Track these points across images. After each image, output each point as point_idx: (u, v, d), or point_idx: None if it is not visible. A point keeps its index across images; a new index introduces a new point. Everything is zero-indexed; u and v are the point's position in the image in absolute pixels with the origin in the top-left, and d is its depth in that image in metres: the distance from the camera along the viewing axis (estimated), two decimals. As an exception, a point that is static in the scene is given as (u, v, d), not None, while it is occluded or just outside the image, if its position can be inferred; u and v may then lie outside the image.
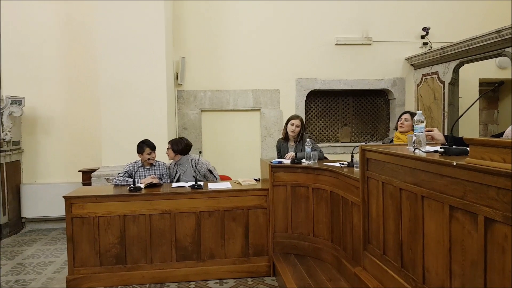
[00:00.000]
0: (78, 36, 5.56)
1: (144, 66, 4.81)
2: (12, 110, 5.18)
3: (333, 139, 6.25)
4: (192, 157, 4.25)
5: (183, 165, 4.24)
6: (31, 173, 5.57)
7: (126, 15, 4.75)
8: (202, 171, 4.18)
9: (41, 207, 5.44)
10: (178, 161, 4.24)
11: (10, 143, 5.27)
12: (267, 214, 3.70)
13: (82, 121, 5.58)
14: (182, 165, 4.24)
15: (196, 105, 5.77)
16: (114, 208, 3.58)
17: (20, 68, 5.51)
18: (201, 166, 4.19)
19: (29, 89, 5.45)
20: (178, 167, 4.25)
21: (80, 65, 5.55)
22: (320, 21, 5.87)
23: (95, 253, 3.55)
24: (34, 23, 5.51)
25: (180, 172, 4.22)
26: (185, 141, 4.26)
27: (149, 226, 3.60)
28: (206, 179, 4.11)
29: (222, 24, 5.74)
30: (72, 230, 3.53)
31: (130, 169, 4.16)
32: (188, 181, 4.07)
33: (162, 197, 3.64)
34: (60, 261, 4.33)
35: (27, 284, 3.75)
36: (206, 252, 3.66)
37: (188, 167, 4.20)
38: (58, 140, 5.59)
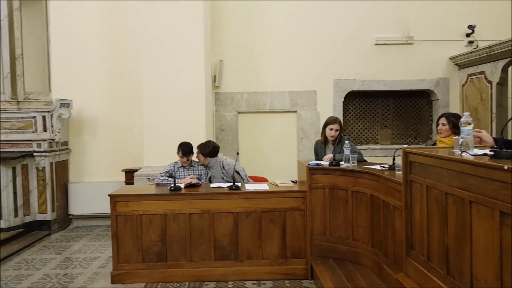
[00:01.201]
0: (121, 42, 5.79)
1: (184, 69, 4.93)
2: (61, 112, 5.46)
3: (372, 141, 6.12)
4: (220, 159, 4.30)
5: (212, 167, 4.29)
6: (78, 172, 5.86)
7: (168, 20, 4.89)
8: (229, 172, 4.21)
9: (87, 205, 5.71)
10: (208, 164, 4.30)
11: (59, 143, 5.57)
12: (305, 217, 3.68)
13: (125, 123, 5.80)
14: (212, 168, 4.30)
15: (233, 107, 5.84)
16: (155, 206, 3.69)
17: (68, 72, 5.80)
18: (228, 167, 4.22)
19: (76, 92, 5.72)
20: (209, 170, 4.32)
21: (124, 69, 5.77)
22: (359, 21, 5.77)
23: (138, 250, 3.68)
24: (81, 30, 5.80)
25: (211, 174, 4.29)
26: (212, 144, 4.30)
27: (188, 225, 3.68)
28: (234, 180, 4.14)
29: (259, 26, 5.78)
30: (117, 227, 3.68)
31: (170, 169, 4.28)
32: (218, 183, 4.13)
33: (201, 197, 3.72)
34: (105, 256, 4.52)
35: (75, 277, 3.95)
36: (244, 252, 3.70)
37: (218, 169, 4.26)
38: (103, 141, 5.84)
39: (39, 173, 5.36)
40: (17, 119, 5.42)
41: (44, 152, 5.35)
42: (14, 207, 5.14)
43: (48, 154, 5.36)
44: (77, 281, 3.86)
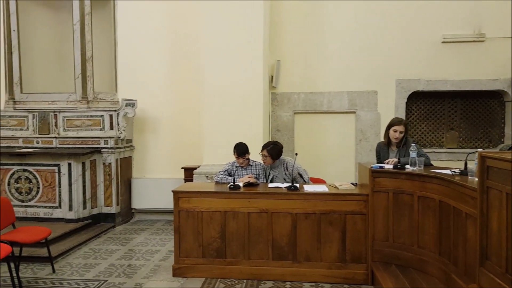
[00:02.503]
0: (183, 43, 5.98)
1: (243, 70, 5.00)
2: (126, 112, 5.75)
3: (437, 144, 5.80)
4: (284, 160, 4.28)
5: (276, 168, 4.30)
6: (141, 168, 6.14)
7: (229, 21, 4.98)
8: (293, 174, 4.18)
9: (148, 200, 5.97)
10: (272, 164, 4.30)
11: (124, 141, 5.87)
12: (366, 221, 3.57)
13: (185, 122, 5.98)
14: (275, 168, 4.30)
15: (289, 107, 5.82)
16: (216, 204, 3.77)
17: (133, 73, 6.10)
18: (292, 169, 4.19)
19: (140, 92, 5.99)
20: (271, 170, 4.32)
21: (185, 70, 5.96)
22: (424, 18, 5.50)
23: (198, 245, 3.77)
24: (145, 33, 6.06)
25: (273, 175, 4.29)
26: (279, 146, 4.28)
27: (247, 223, 3.72)
28: (296, 182, 4.10)
29: (317, 26, 5.71)
30: (179, 222, 3.80)
31: (229, 168, 4.35)
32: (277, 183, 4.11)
33: (260, 196, 3.74)
34: (165, 250, 4.69)
35: (138, 269, 4.13)
36: (302, 254, 3.66)
37: (281, 170, 4.25)
38: (164, 139, 6.08)
39: (105, 169, 5.68)
40: (87, 117, 5.79)
41: (111, 148, 5.66)
42: (83, 199, 5.49)
43: (114, 150, 5.67)
44: (140, 272, 4.05)
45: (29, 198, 5.50)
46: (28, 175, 5.51)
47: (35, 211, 5.47)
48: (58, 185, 5.44)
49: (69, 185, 5.40)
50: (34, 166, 5.49)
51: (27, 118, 5.82)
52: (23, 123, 5.83)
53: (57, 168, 5.44)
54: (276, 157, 4.23)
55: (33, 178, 5.50)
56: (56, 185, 5.45)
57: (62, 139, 5.72)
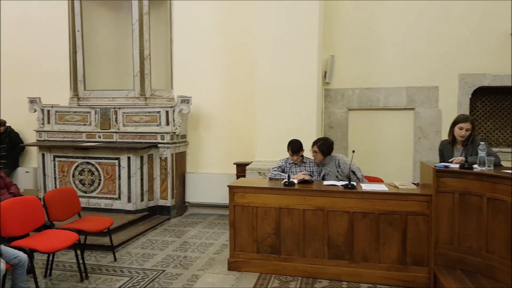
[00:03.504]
0: (237, 40, 6.03)
1: (297, 66, 4.95)
2: (182, 108, 5.91)
3: (504, 143, 5.41)
4: (336, 156, 4.18)
5: (327, 165, 4.21)
6: (194, 163, 6.29)
7: (283, 17, 4.95)
8: (345, 171, 4.07)
9: (201, 194, 6.11)
10: (323, 161, 4.22)
11: (179, 136, 6.04)
12: (429, 222, 3.41)
13: (238, 119, 6.04)
14: (326, 165, 4.22)
15: (343, 104, 5.69)
16: (270, 200, 3.77)
17: (188, 71, 6.26)
18: (345, 166, 4.09)
19: (195, 89, 6.13)
20: (323, 167, 4.23)
21: (238, 67, 6.01)
22: (491, 8, 5.14)
23: (253, 240, 3.80)
24: (199, 31, 6.18)
25: (325, 172, 4.20)
26: (330, 142, 4.19)
27: (302, 220, 3.69)
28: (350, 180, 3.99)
29: (373, 18, 5.52)
30: (234, 216, 3.85)
31: (282, 164, 4.34)
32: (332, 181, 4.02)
33: (316, 194, 3.69)
34: (219, 243, 4.77)
35: (194, 261, 4.24)
36: (359, 253, 3.57)
37: (332, 167, 4.16)
38: (217, 135, 6.18)
39: (161, 163, 5.88)
40: (145, 113, 6.02)
41: (167, 143, 5.84)
42: (141, 192, 5.73)
43: (170, 145, 5.85)
44: (196, 264, 4.15)
45: (92, 189, 5.83)
46: (91, 167, 5.83)
47: (96, 202, 5.79)
48: (118, 178, 5.72)
49: (128, 178, 5.66)
50: (96, 159, 5.81)
51: (90, 114, 6.15)
52: (86, 118, 6.18)
53: (117, 161, 5.71)
54: (327, 153, 4.15)
55: (95, 170, 5.82)
56: (116, 178, 5.73)
57: (121, 134, 5.99)
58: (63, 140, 6.15)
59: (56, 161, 5.95)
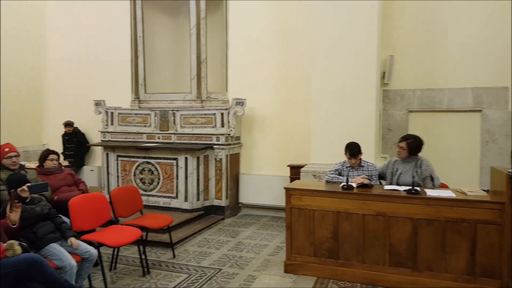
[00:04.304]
0: (292, 42, 6.02)
1: (355, 66, 4.84)
2: (236, 110, 6.00)
3: None
4: (421, 158, 4.00)
5: (407, 163, 4.00)
6: (248, 165, 6.36)
7: (341, 18, 4.87)
8: (424, 173, 3.88)
9: (254, 195, 6.16)
10: (405, 159, 4.01)
11: (233, 138, 6.14)
12: (502, 232, 3.18)
13: (292, 121, 6.02)
14: (406, 163, 4.00)
15: (403, 105, 5.48)
16: (328, 203, 3.72)
17: (242, 73, 6.34)
18: (426, 169, 3.90)
19: (249, 91, 6.19)
20: (401, 164, 4.05)
21: (293, 69, 6.00)
22: None
23: (310, 243, 3.76)
24: (254, 34, 6.24)
25: (401, 170, 4.03)
26: (420, 141, 3.98)
27: (362, 225, 3.59)
28: (424, 185, 3.81)
29: (435, 15, 5.28)
30: (291, 219, 3.83)
31: (339, 167, 4.25)
32: (406, 180, 3.87)
33: (376, 199, 3.58)
34: (273, 245, 4.78)
35: (249, 261, 4.28)
36: (423, 262, 3.41)
37: (411, 167, 3.97)
38: (270, 137, 6.20)
39: (216, 164, 6.00)
40: (201, 115, 6.18)
41: (222, 145, 5.96)
42: (197, 191, 5.88)
43: (224, 147, 5.96)
44: (251, 264, 4.18)
45: (151, 188, 6.08)
46: (151, 167, 6.09)
47: (155, 200, 6.03)
48: (176, 177, 5.92)
49: (185, 178, 5.84)
50: (156, 159, 6.06)
51: (150, 116, 6.43)
52: (147, 120, 6.46)
53: (175, 161, 5.91)
54: (414, 152, 3.96)
55: (155, 170, 6.06)
56: (174, 177, 5.93)
57: (179, 135, 6.20)
58: (125, 141, 6.48)
59: (119, 161, 6.28)
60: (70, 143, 7.18)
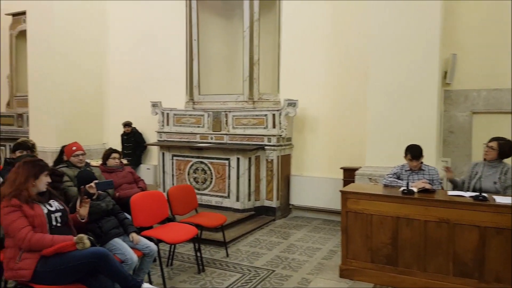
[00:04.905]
0: (346, 42, 5.89)
1: (415, 65, 4.65)
2: (288, 111, 5.97)
3: None
4: (506, 164, 3.74)
5: (492, 168, 3.77)
6: (299, 166, 6.30)
7: (400, 17, 4.69)
8: (508, 182, 3.63)
9: (305, 197, 6.10)
10: (492, 162, 3.79)
11: (284, 139, 6.12)
12: None
13: (346, 122, 5.89)
14: (490, 167, 3.79)
15: (466, 106, 5.17)
16: (387, 208, 3.59)
17: (294, 74, 6.29)
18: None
19: (301, 92, 6.13)
20: (483, 168, 3.83)
21: (347, 69, 5.86)
22: None
23: (367, 249, 3.65)
24: (307, 34, 6.17)
25: (482, 174, 3.79)
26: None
27: (423, 232, 3.43)
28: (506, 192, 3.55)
29: (504, 13, 4.90)
30: (347, 223, 3.74)
31: (398, 171, 4.09)
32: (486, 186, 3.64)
33: (439, 205, 3.40)
34: (326, 249, 4.70)
35: (302, 264, 4.24)
36: (491, 273, 3.19)
37: (495, 172, 3.74)
38: (322, 138, 6.11)
39: (268, 165, 6.01)
40: (252, 116, 6.22)
41: (273, 146, 5.96)
42: (248, 192, 5.93)
43: (276, 148, 5.96)
44: (304, 267, 4.14)
45: (204, 187, 6.21)
46: (204, 166, 6.23)
47: (208, 199, 6.15)
48: (228, 177, 6.00)
49: (237, 178, 5.90)
50: (208, 159, 6.18)
51: (203, 117, 6.58)
52: (200, 121, 6.62)
53: (228, 162, 6.00)
54: (503, 156, 3.74)
55: (208, 169, 6.19)
56: (226, 177, 6.02)
57: (231, 136, 6.28)
58: (180, 141, 6.68)
59: (174, 160, 6.49)
60: (128, 143, 7.54)
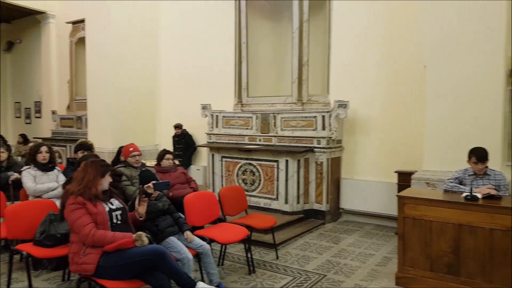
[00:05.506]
0: (400, 42, 5.68)
1: (477, 64, 4.36)
2: (338, 113, 5.84)
3: None
4: None
5: None
6: (349, 169, 6.15)
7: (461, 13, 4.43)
8: None
9: (356, 201, 5.94)
10: None
11: (334, 141, 6.00)
12: None
13: (401, 124, 5.68)
14: None
15: (534, 107, 4.78)
16: (448, 214, 3.40)
17: (345, 75, 6.17)
18: None
19: (352, 93, 5.98)
20: None
21: (402, 69, 5.64)
22: None
23: (426, 257, 3.48)
24: (359, 35, 6.01)
25: None
26: None
27: (488, 241, 3.22)
28: None
29: None
30: (404, 229, 3.59)
31: (460, 175, 3.87)
32: None
33: (507, 212, 3.16)
34: (380, 255, 4.54)
35: (355, 270, 4.12)
36: None
37: None
38: (375, 141, 5.92)
39: (317, 167, 5.92)
40: (301, 118, 6.16)
41: (322, 148, 5.86)
42: (297, 194, 5.87)
43: (325, 150, 5.85)
44: (357, 273, 4.03)
45: (252, 188, 6.24)
46: (252, 168, 6.25)
47: (256, 201, 6.16)
48: (276, 179, 5.98)
49: (286, 180, 5.87)
50: (257, 161, 6.20)
51: (252, 119, 6.61)
52: (248, 123, 6.66)
53: (276, 164, 5.98)
54: None
55: (256, 171, 6.21)
56: (275, 179, 6.00)
57: (279, 138, 6.26)
58: (229, 142, 6.76)
59: (223, 161, 6.58)
60: (179, 144, 7.76)
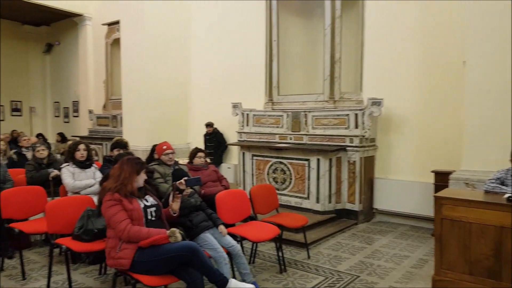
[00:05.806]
0: (437, 39, 5.47)
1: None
2: (372, 111, 5.71)
3: None
4: None
5: None
6: (383, 169, 6.00)
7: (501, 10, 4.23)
8: None
9: (390, 201, 5.79)
10: None
11: (368, 140, 5.87)
12: None
13: (437, 122, 5.48)
14: None
15: None
16: (489, 216, 3.24)
17: (379, 73, 6.01)
18: None
19: (386, 91, 5.83)
20: None
21: (439, 66, 5.44)
22: None
23: (464, 260, 3.34)
24: (394, 32, 5.84)
25: None
26: None
27: (534, 245, 3.04)
28: None
29: None
30: (441, 231, 3.46)
31: (502, 176, 3.68)
32: None
33: (555, 215, 2.98)
34: (415, 257, 4.41)
35: (389, 271, 4.02)
36: None
37: None
38: (411, 139, 5.74)
39: (350, 166, 5.82)
40: (333, 116, 6.06)
41: (355, 147, 5.75)
42: (329, 194, 5.79)
43: (358, 149, 5.74)
44: (392, 275, 3.93)
45: (283, 187, 6.21)
46: (283, 167, 6.23)
47: (287, 200, 6.13)
48: (307, 178, 5.93)
49: (317, 179, 5.80)
50: (288, 159, 6.17)
51: (282, 117, 6.58)
52: (279, 121, 6.63)
53: (307, 162, 5.92)
54: None
55: (287, 170, 6.18)
56: (306, 178, 5.95)
57: (311, 136, 6.20)
58: (259, 141, 6.77)
59: (254, 159, 6.59)
60: (210, 142, 7.85)
